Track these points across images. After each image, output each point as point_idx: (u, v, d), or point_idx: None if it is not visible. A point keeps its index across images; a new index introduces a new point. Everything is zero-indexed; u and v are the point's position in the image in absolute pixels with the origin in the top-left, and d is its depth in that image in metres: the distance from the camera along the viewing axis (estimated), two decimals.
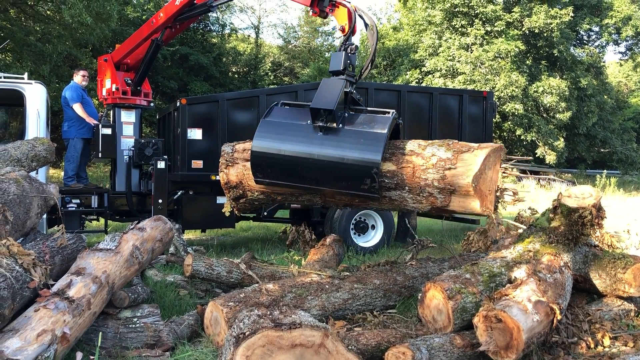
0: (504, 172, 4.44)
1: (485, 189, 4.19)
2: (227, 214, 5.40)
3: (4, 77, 8.10)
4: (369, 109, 4.95)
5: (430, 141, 4.51)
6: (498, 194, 4.33)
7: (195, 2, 8.29)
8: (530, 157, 7.87)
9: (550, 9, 25.01)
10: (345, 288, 4.75)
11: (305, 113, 4.77)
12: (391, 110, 4.69)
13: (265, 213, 9.22)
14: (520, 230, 6.16)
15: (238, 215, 9.44)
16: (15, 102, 8.50)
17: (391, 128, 4.59)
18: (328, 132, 4.60)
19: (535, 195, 21.79)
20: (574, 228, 4.62)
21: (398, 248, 9.12)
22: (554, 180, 26.08)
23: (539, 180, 25.82)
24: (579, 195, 4.59)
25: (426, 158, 4.33)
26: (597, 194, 4.58)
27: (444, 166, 4.22)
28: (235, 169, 5.06)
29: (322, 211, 9.44)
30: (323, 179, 4.62)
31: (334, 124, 4.61)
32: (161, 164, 8.24)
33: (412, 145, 4.50)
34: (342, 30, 5.63)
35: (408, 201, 4.50)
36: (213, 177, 8.40)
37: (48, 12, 18.91)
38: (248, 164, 4.89)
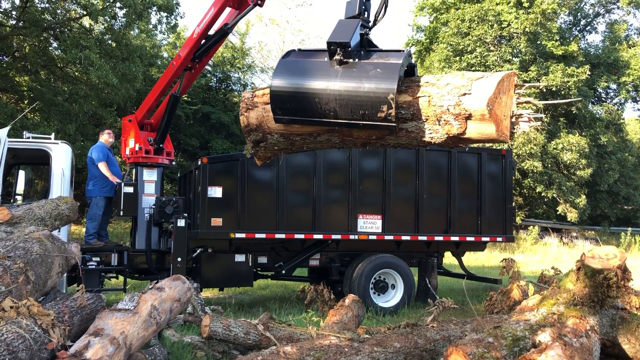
0: (518, 98, 4.59)
1: (500, 114, 4.34)
2: (248, 155, 5.52)
3: (32, 138, 8.35)
4: (383, 48, 5.08)
5: (444, 74, 4.67)
6: (513, 119, 4.46)
7: (209, 33, 8.48)
8: (541, 84, 7.88)
9: (567, 67, 25.24)
10: (365, 351, 4.65)
11: (322, 54, 4.95)
12: (406, 48, 4.92)
13: (284, 272, 9.16)
14: (543, 291, 6.02)
15: (256, 274, 9.44)
16: (41, 161, 8.73)
17: (405, 62, 4.77)
18: (345, 66, 4.75)
19: (558, 254, 21.42)
20: (599, 290, 4.51)
21: (419, 309, 8.96)
22: (577, 238, 25.64)
23: (561, 238, 25.42)
24: (603, 256, 4.51)
25: (441, 87, 4.46)
26: (621, 255, 4.48)
27: (459, 92, 4.34)
28: (255, 112, 5.27)
29: (341, 269, 9.36)
30: (341, 110, 4.74)
31: (350, 60, 4.76)
32: (181, 222, 8.30)
33: (427, 77, 4.70)
34: None
35: (425, 132, 4.61)
36: (232, 235, 8.44)
37: (76, 74, 19.63)
38: (268, 107, 5.13)
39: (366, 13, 5.19)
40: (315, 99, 4.76)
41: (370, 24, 5.22)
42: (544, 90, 25.37)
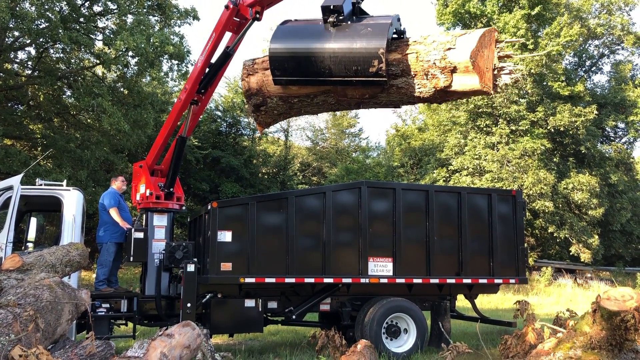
0: (499, 52, 4.97)
1: (483, 66, 4.63)
2: (251, 119, 5.85)
3: (45, 185, 8.45)
4: (374, 15, 5.44)
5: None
6: (495, 72, 4.83)
7: (211, 61, 8.43)
8: (520, 40, 8.63)
9: (574, 107, 25.34)
10: None
11: (318, 22, 5.35)
12: (395, 13, 5.28)
13: (294, 317, 9.04)
14: (559, 334, 5.90)
15: (266, 319, 9.33)
16: (53, 207, 8.79)
17: (395, 24, 5.16)
18: (338, 28, 5.10)
19: (573, 295, 21.07)
20: (616, 333, 4.41)
21: (432, 354, 8.78)
22: (592, 278, 25.22)
23: (575, 279, 25.01)
24: (619, 297, 4.43)
25: (427, 44, 4.83)
26: (638, 296, 4.41)
27: (444, 47, 4.68)
28: (256, 77, 5.76)
29: (352, 314, 9.23)
30: (335, 68, 5.05)
31: (343, 23, 5.11)
32: (191, 267, 8.26)
33: (415, 37, 5.14)
34: None
35: (414, 87, 4.93)
36: (242, 280, 8.38)
37: (89, 121, 19.97)
38: (267, 72, 5.66)
39: None
40: (311, 58, 5.22)
41: None
42: (552, 131, 25.42)
